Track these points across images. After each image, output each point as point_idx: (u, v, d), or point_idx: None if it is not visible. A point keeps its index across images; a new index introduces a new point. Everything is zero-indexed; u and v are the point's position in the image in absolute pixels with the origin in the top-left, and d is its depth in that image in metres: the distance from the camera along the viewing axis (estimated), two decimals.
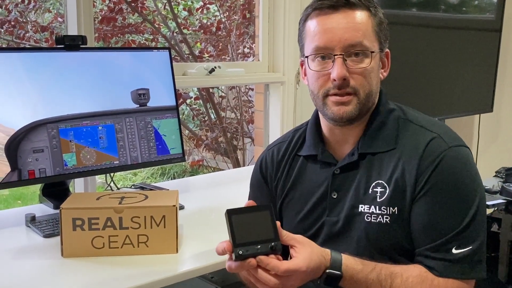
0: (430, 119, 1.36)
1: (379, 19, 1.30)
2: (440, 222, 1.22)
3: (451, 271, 1.21)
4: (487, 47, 3.10)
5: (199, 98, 5.00)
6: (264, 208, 1.17)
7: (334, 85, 1.26)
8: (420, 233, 1.24)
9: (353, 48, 1.25)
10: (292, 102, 2.70)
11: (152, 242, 1.51)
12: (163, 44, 4.68)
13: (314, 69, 1.29)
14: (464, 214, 1.21)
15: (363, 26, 1.26)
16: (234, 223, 1.13)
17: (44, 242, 1.62)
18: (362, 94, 1.27)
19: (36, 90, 1.77)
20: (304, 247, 1.15)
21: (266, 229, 1.13)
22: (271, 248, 1.11)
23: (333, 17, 1.26)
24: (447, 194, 1.22)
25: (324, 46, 1.26)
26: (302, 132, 1.45)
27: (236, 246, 1.10)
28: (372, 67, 1.27)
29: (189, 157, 5.24)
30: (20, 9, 4.51)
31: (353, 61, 1.26)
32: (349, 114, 1.27)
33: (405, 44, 2.59)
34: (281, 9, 2.65)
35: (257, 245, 1.11)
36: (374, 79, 1.29)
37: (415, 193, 1.24)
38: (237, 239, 1.11)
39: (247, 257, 1.10)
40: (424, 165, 1.24)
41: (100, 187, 2.69)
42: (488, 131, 3.44)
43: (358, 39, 1.25)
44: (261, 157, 1.51)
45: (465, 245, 1.21)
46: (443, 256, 1.21)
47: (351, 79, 1.26)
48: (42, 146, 1.76)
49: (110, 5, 4.51)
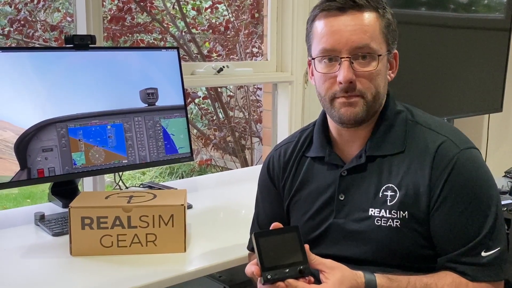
0: (438, 120, 1.34)
1: (388, 21, 1.28)
2: (466, 227, 1.21)
3: (483, 274, 1.20)
4: (497, 46, 3.08)
5: (207, 97, 5.01)
6: (292, 230, 1.16)
7: (340, 88, 1.25)
8: (446, 240, 1.23)
9: (360, 50, 1.24)
10: (300, 101, 2.70)
11: (160, 241, 1.52)
12: (172, 44, 4.69)
13: (321, 71, 1.28)
14: (486, 216, 1.21)
15: (371, 28, 1.25)
16: (262, 247, 1.12)
17: (53, 240, 1.63)
18: (369, 96, 1.26)
19: (46, 89, 1.78)
20: (333, 271, 1.14)
21: (294, 251, 1.13)
22: (299, 271, 1.10)
23: (340, 19, 1.24)
24: (467, 198, 1.21)
25: (330, 48, 1.25)
26: (309, 132, 1.44)
27: (264, 270, 1.10)
28: (379, 70, 1.26)
29: (197, 157, 5.24)
30: (29, 8, 4.53)
31: (360, 64, 1.24)
32: (356, 115, 1.26)
33: (414, 44, 2.58)
34: (290, 8, 2.65)
35: (285, 269, 1.10)
36: (381, 81, 1.28)
37: (431, 199, 1.23)
38: (265, 263, 1.11)
39: (276, 281, 1.09)
40: (437, 169, 1.23)
41: (109, 186, 2.70)
42: (498, 131, 3.42)
43: (365, 42, 1.23)
44: (269, 158, 1.50)
45: (493, 247, 1.21)
46: (473, 261, 1.20)
47: (357, 82, 1.24)
48: (51, 145, 1.77)
49: (119, 4, 4.52)
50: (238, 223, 1.84)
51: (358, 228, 1.29)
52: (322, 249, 1.32)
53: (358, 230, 1.29)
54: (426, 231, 1.24)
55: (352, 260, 1.27)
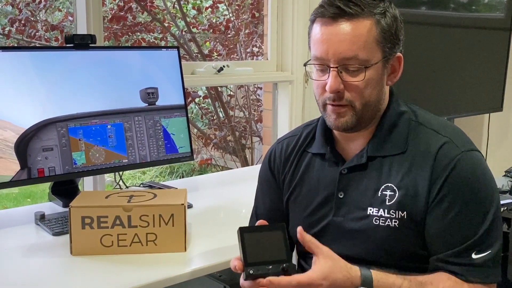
0: (442, 121, 1.34)
1: (386, 26, 1.25)
2: (460, 228, 1.21)
3: (473, 274, 1.20)
4: (497, 45, 3.08)
5: (207, 97, 5.01)
6: (277, 228, 1.17)
7: (328, 97, 1.26)
8: (438, 239, 1.23)
9: (347, 61, 1.22)
10: (300, 101, 2.70)
11: (160, 240, 1.52)
12: (172, 43, 4.69)
13: (314, 77, 1.30)
14: (482, 219, 1.21)
15: (362, 38, 1.22)
16: (247, 242, 1.13)
17: (53, 240, 1.63)
18: (358, 106, 1.25)
19: (46, 89, 1.78)
20: (324, 259, 1.15)
21: (278, 249, 1.13)
22: (282, 269, 1.10)
23: (332, 28, 1.23)
24: (464, 200, 1.22)
25: (320, 57, 1.25)
26: (312, 128, 1.45)
27: (247, 265, 1.10)
28: (369, 79, 1.24)
29: (198, 156, 5.24)
30: (31, 8, 4.54)
31: (348, 74, 1.24)
32: (344, 125, 1.27)
33: (414, 43, 2.58)
34: (290, 8, 2.65)
35: (268, 265, 1.10)
36: (374, 89, 1.26)
37: (429, 199, 1.23)
38: (248, 258, 1.11)
39: (257, 277, 1.10)
40: (437, 170, 1.23)
41: (109, 186, 2.69)
42: (498, 130, 3.42)
43: (353, 53, 1.21)
44: (271, 150, 1.51)
45: (484, 250, 1.21)
46: (464, 261, 1.21)
47: (346, 92, 1.24)
48: (51, 145, 1.77)
49: (120, 3, 4.53)
50: (239, 222, 1.82)
51: (356, 227, 1.29)
52: None
53: (356, 229, 1.29)
54: (423, 232, 1.24)
55: (349, 258, 1.26)
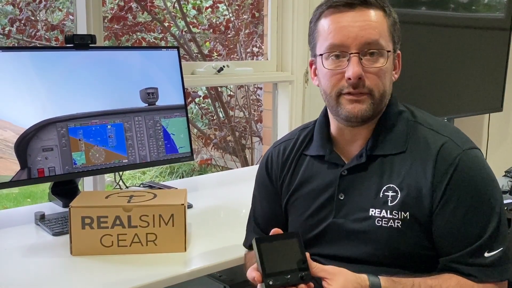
0: (439, 121, 1.34)
1: (393, 20, 1.29)
2: (469, 228, 1.21)
3: (488, 275, 1.20)
4: (497, 46, 3.08)
5: (207, 97, 5.01)
6: (293, 235, 1.16)
7: (349, 84, 1.24)
8: (449, 240, 1.22)
9: (369, 46, 1.23)
10: (300, 101, 2.70)
11: (160, 240, 1.52)
12: (173, 43, 4.69)
13: (328, 67, 1.27)
14: (490, 216, 1.21)
15: (379, 25, 1.24)
16: (264, 253, 1.12)
17: (53, 240, 1.63)
18: (377, 94, 1.25)
19: (46, 89, 1.78)
20: (336, 277, 1.14)
21: (295, 258, 1.13)
22: (301, 277, 1.10)
23: (349, 15, 1.24)
24: (470, 199, 1.21)
25: (339, 44, 1.24)
26: (309, 131, 1.44)
27: (266, 276, 1.10)
28: (387, 67, 1.26)
29: (198, 156, 5.24)
30: (31, 8, 4.53)
31: (369, 60, 1.24)
32: (363, 112, 1.25)
33: (414, 43, 2.58)
34: (290, 8, 2.65)
35: (287, 275, 1.10)
36: (388, 79, 1.28)
37: (434, 200, 1.22)
38: (267, 269, 1.10)
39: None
40: (440, 170, 1.22)
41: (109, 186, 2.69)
42: (498, 131, 3.42)
43: (375, 37, 1.23)
44: (267, 155, 1.49)
45: (496, 248, 1.20)
46: (478, 262, 1.20)
47: (366, 79, 1.24)
48: (51, 145, 1.77)
49: (120, 3, 4.52)
50: (239, 222, 1.83)
51: (358, 228, 1.28)
52: (321, 249, 1.32)
53: (358, 230, 1.28)
54: (427, 232, 1.24)
55: (351, 260, 1.27)
